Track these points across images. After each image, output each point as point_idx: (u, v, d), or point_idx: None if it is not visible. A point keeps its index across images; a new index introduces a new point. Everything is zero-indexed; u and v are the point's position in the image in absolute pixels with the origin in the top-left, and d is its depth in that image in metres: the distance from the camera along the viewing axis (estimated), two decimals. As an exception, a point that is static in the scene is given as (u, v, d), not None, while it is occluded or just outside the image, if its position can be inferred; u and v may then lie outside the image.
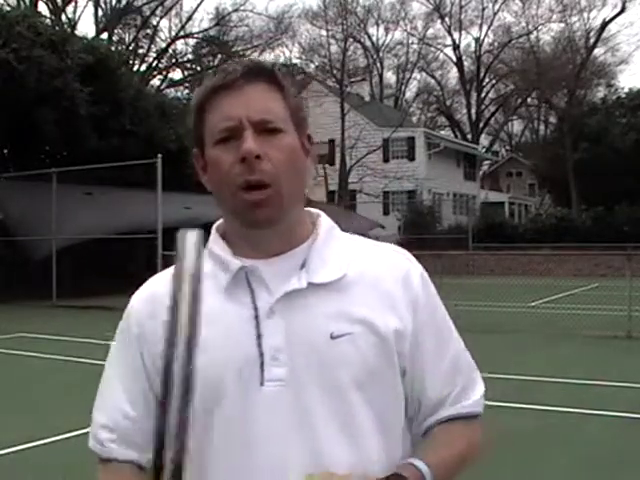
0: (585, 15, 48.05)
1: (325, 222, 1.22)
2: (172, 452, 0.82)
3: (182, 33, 38.42)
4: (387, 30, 47.40)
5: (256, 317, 1.12)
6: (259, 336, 1.11)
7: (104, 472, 1.19)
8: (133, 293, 1.25)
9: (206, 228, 1.17)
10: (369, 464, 1.11)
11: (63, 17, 31.34)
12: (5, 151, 19.65)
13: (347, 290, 1.14)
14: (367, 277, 1.16)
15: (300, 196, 1.18)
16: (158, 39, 38.40)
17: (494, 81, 48.49)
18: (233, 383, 1.10)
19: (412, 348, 1.16)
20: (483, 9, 45.96)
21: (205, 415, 1.11)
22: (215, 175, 1.14)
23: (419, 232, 29.83)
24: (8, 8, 21.96)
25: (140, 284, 1.26)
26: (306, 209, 1.23)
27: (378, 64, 47.51)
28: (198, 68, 37.61)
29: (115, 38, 35.49)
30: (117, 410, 1.17)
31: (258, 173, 1.09)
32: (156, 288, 1.20)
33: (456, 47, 47.13)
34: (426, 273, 1.23)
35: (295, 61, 42.49)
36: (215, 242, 1.21)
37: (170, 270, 1.22)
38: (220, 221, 1.25)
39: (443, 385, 1.21)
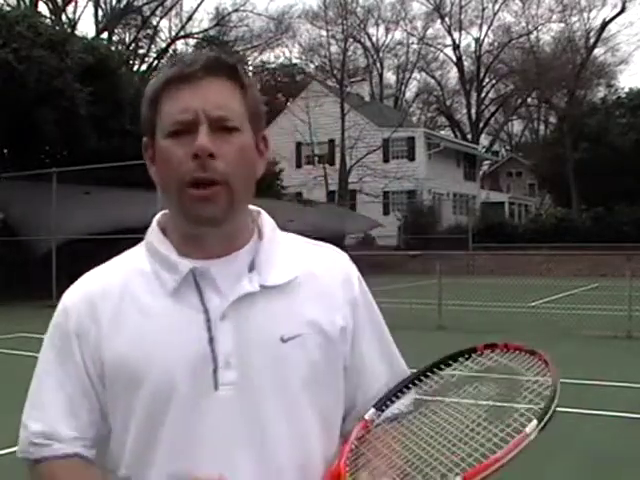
0: (585, 15, 48.13)
1: (267, 221, 1.20)
2: None
3: (182, 33, 38.53)
4: (387, 30, 47.53)
5: (207, 320, 1.09)
6: (211, 340, 1.08)
7: (60, 468, 1.16)
8: None
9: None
10: (314, 464, 1.11)
11: (63, 17, 31.36)
12: (5, 151, 19.63)
13: (296, 292, 1.14)
14: (314, 279, 1.17)
15: (249, 198, 1.15)
16: (158, 39, 38.56)
17: (494, 81, 48.52)
18: (185, 386, 1.07)
19: (352, 348, 1.19)
20: (483, 9, 46.10)
21: (151, 420, 1.08)
22: (164, 168, 1.10)
23: (419, 232, 29.85)
24: (8, 8, 21.98)
25: None
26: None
27: (378, 64, 47.60)
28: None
29: (115, 38, 35.59)
30: (60, 414, 1.15)
31: (210, 171, 1.06)
32: (90, 288, 1.16)
33: (456, 47, 47.23)
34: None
35: (295, 61, 42.66)
36: (157, 238, 1.17)
37: (100, 268, 1.20)
38: (161, 213, 1.21)
39: (381, 385, 1.22)
